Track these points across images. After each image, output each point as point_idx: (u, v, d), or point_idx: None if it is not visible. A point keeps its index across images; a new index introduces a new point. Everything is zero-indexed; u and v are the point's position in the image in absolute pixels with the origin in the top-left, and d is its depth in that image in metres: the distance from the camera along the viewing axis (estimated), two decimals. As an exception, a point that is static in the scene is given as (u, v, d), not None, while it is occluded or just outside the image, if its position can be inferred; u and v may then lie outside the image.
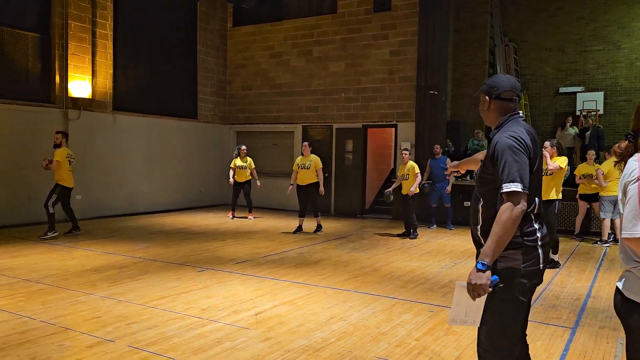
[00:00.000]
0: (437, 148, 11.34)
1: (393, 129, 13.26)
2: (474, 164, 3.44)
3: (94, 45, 11.74)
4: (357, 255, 8.24)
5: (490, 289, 2.42)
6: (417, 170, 10.01)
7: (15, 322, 4.62)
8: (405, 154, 10.16)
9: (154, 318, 4.82)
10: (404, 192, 10.12)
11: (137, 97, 12.98)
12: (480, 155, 3.29)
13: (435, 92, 12.38)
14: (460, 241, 9.79)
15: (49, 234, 8.92)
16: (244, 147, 12.37)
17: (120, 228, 10.57)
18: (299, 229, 10.32)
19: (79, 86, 11.33)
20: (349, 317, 4.99)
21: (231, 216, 12.46)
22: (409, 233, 10.14)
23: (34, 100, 10.82)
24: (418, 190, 9.96)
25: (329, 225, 11.58)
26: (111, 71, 12.21)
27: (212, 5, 15.02)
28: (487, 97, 2.72)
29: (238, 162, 12.21)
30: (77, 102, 11.34)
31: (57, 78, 11.15)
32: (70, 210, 9.35)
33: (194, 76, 14.63)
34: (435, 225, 11.49)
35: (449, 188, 11.07)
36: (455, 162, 3.59)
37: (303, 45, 14.27)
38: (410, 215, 10.08)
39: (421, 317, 5.04)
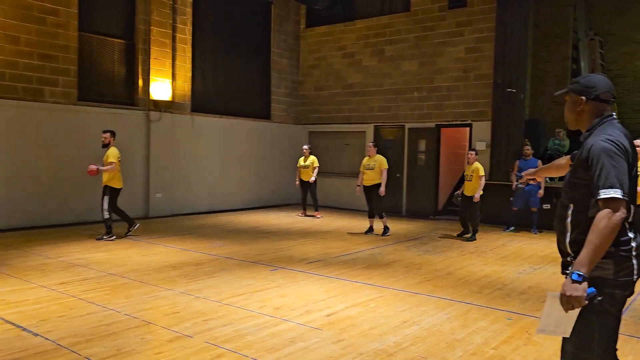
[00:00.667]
0: (528, 149, 10.82)
1: (468, 129, 12.90)
2: (554, 170, 3.28)
3: (174, 50, 12.25)
4: (430, 257, 8.08)
5: (587, 302, 2.28)
6: (482, 172, 9.73)
7: (102, 315, 4.89)
8: (471, 155, 9.90)
9: (229, 315, 4.95)
10: (466, 193, 9.86)
11: (213, 98, 13.43)
12: (563, 160, 3.13)
13: (513, 90, 11.90)
14: (539, 245, 9.36)
15: (105, 237, 8.79)
16: (305, 146, 12.57)
17: (198, 226, 10.96)
18: (370, 229, 10.26)
19: (160, 89, 11.86)
20: (422, 322, 4.89)
21: (301, 215, 12.67)
22: (469, 232, 9.98)
23: (119, 103, 11.44)
24: (479, 198, 9.66)
25: (400, 226, 11.44)
26: (190, 74, 12.70)
27: (286, 7, 15.25)
28: (582, 98, 2.55)
29: (301, 161, 12.42)
30: (158, 104, 11.87)
31: (140, 81, 11.72)
32: (121, 211, 9.07)
33: (267, 77, 14.92)
34: (512, 228, 11.03)
35: (541, 192, 10.49)
36: (532, 170, 3.44)
37: (375, 44, 14.18)
38: (475, 218, 9.82)
39: (498, 325, 4.85)
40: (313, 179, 12.34)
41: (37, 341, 4.17)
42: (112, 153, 8.82)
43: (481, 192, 9.63)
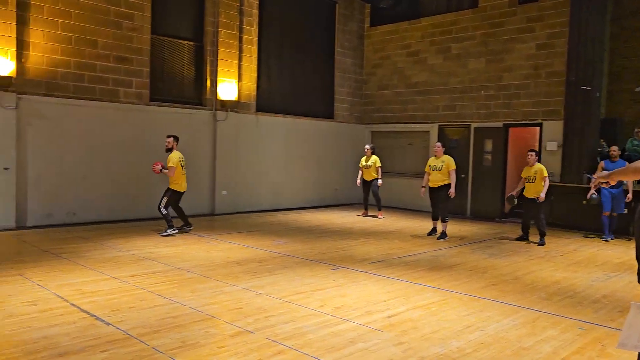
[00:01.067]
0: (615, 150, 10.18)
1: (538, 128, 12.40)
2: (631, 173, 3.07)
3: (240, 51, 12.54)
4: (496, 261, 7.83)
5: None
6: (546, 173, 9.39)
7: (169, 307, 5.08)
8: (531, 155, 9.55)
9: (290, 313, 5.00)
10: (528, 195, 9.51)
11: (277, 98, 13.65)
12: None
13: (588, 88, 11.32)
14: (615, 252, 8.85)
15: (168, 231, 9.10)
16: (367, 146, 12.48)
17: (261, 223, 11.15)
18: (433, 230, 10.06)
19: (227, 89, 12.17)
20: (486, 328, 4.74)
21: (363, 215, 12.62)
22: (527, 237, 9.69)
23: (188, 103, 11.85)
24: (544, 198, 9.29)
25: (464, 228, 11.17)
26: (255, 74, 12.97)
27: (350, 6, 15.24)
28: None
29: (363, 161, 12.36)
30: (225, 104, 12.19)
31: (208, 82, 12.08)
32: (180, 210, 9.44)
33: (331, 77, 14.98)
34: (612, 236, 10.13)
35: (629, 196, 9.83)
36: (605, 172, 3.24)
37: (441, 42, 13.91)
38: (539, 220, 9.44)
39: (569, 334, 4.63)
40: (380, 182, 12.23)
41: (109, 330, 4.38)
42: (173, 158, 9.12)
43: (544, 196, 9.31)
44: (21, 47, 9.32)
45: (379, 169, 12.26)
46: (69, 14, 9.85)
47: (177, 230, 9.21)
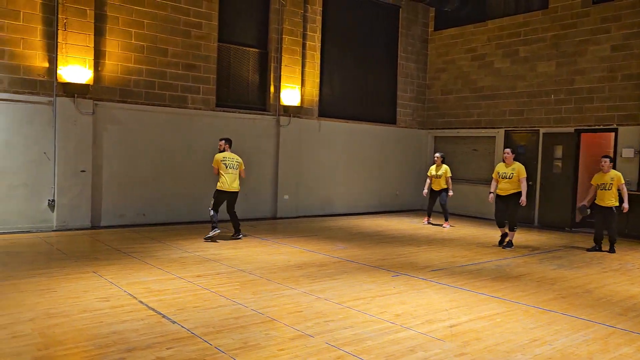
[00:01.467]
0: None
1: (612, 134, 11.77)
2: None
3: (303, 57, 12.70)
4: (565, 273, 7.48)
5: None
6: (623, 180, 8.97)
7: (231, 308, 5.19)
8: (605, 162, 9.09)
9: (350, 318, 4.98)
10: (602, 203, 9.07)
11: (340, 103, 13.70)
12: None
13: (670, 91, 10.65)
14: (699, 267, 8.25)
15: (210, 233, 8.98)
16: (437, 154, 12.15)
17: (322, 228, 11.21)
18: (504, 236, 9.60)
19: (290, 95, 12.34)
20: (554, 342, 4.54)
21: (426, 222, 12.40)
22: (599, 248, 9.25)
23: (252, 109, 12.11)
24: (628, 208, 8.88)
25: (532, 237, 10.76)
26: (318, 80, 13.09)
27: (414, 11, 15.09)
28: None
29: (433, 170, 12.10)
30: (288, 110, 12.36)
31: (272, 88, 12.30)
32: (234, 216, 9.32)
33: (394, 82, 14.87)
34: None
35: None
36: None
37: (508, 45, 13.50)
38: (613, 228, 9.02)
39: (646, 353, 4.36)
40: (451, 192, 11.94)
41: (174, 328, 4.54)
42: (215, 157, 9.21)
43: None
44: (98, 56, 9.86)
45: (449, 179, 11.97)
46: (142, 24, 10.32)
47: (218, 231, 9.06)
